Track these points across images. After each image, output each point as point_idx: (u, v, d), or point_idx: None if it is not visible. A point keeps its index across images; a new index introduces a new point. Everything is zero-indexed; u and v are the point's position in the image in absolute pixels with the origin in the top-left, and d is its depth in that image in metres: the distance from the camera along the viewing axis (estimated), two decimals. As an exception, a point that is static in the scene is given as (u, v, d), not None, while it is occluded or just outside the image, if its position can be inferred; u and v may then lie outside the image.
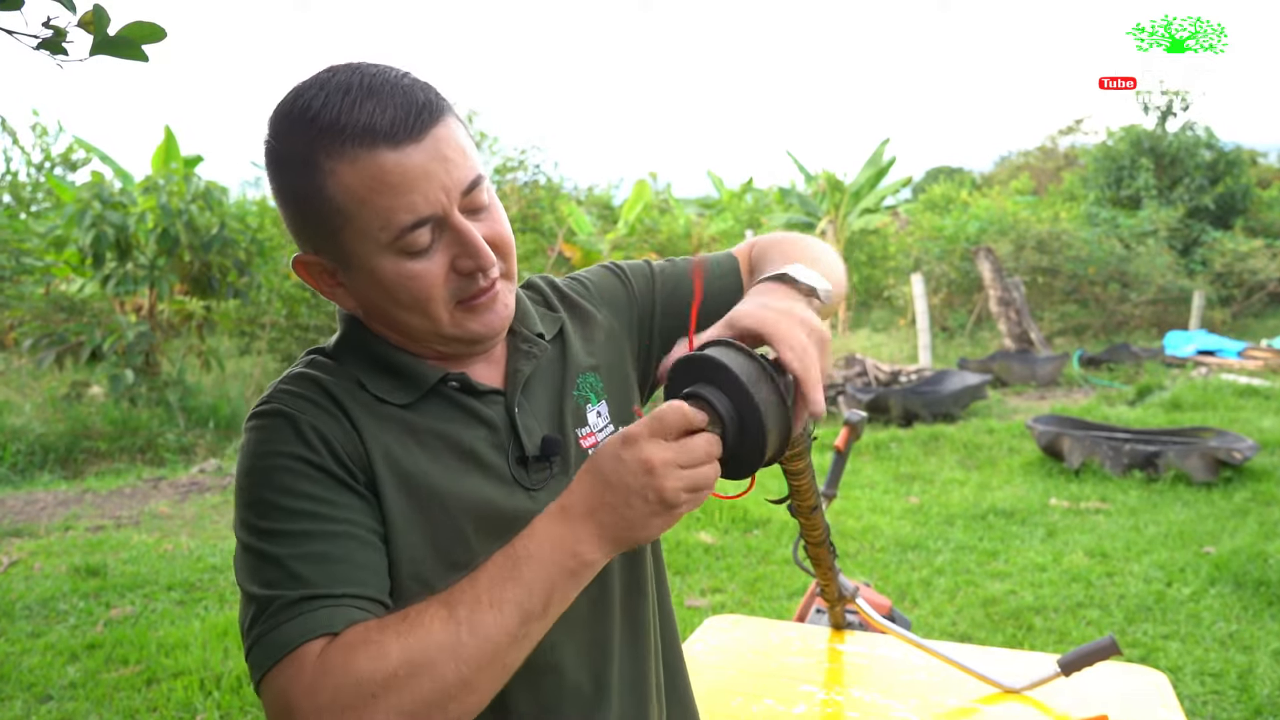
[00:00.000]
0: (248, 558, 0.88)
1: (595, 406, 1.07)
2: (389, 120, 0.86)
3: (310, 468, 0.89)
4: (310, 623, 0.82)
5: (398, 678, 0.77)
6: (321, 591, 0.84)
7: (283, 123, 0.90)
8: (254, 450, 0.91)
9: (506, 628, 0.79)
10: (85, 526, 5.46)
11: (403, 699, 0.77)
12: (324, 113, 0.87)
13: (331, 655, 0.79)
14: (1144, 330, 13.55)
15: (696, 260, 1.14)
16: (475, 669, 0.78)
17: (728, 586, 4.45)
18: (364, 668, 0.78)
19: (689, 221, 14.71)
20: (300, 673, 0.79)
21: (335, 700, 0.77)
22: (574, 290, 1.15)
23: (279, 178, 0.93)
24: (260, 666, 0.82)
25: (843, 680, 1.81)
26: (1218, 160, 17.02)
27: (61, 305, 8.89)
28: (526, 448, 0.99)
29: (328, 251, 0.93)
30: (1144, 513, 5.33)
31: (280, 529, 0.87)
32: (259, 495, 0.89)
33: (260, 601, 0.84)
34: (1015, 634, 3.85)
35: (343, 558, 0.86)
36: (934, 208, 17.91)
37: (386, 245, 0.89)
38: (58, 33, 1.28)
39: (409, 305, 0.92)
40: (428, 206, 0.88)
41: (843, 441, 2.23)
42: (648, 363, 1.16)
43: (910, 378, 9.28)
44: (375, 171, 0.86)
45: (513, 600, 0.80)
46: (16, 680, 3.51)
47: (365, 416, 0.94)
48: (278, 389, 0.95)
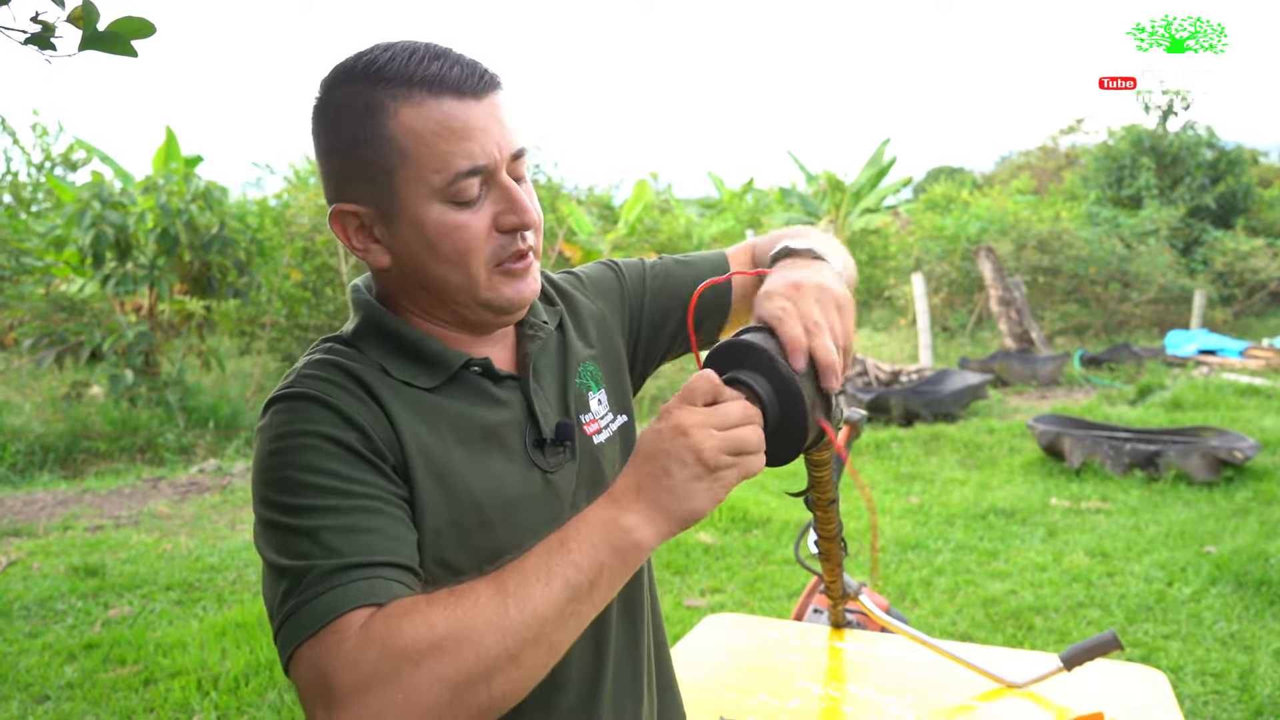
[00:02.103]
0: (273, 533, 0.86)
1: (596, 394, 1.11)
2: (457, 75, 0.91)
3: (338, 447, 0.88)
4: (352, 592, 0.80)
5: (442, 648, 0.75)
6: (359, 560, 0.82)
7: (343, 77, 0.93)
8: (279, 431, 0.90)
9: (554, 602, 0.78)
10: (84, 526, 5.46)
11: (445, 668, 0.75)
12: (391, 65, 0.90)
13: (376, 625, 0.77)
14: (1145, 330, 13.54)
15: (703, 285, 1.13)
16: (520, 642, 0.77)
17: (727, 586, 4.44)
18: (408, 637, 0.76)
19: (689, 221, 14.70)
20: (341, 643, 0.77)
21: (377, 671, 0.75)
22: (570, 284, 1.18)
23: (332, 127, 0.94)
24: (294, 639, 0.80)
25: (840, 677, 1.80)
26: (1219, 159, 17.02)
27: (61, 305, 8.89)
28: (544, 430, 1.02)
29: (372, 199, 0.93)
30: (1145, 512, 5.31)
31: (308, 504, 0.85)
32: (284, 473, 0.87)
33: (294, 573, 0.82)
34: (1015, 634, 3.84)
35: (374, 529, 0.85)
36: (935, 207, 17.90)
37: (438, 190, 0.91)
38: (46, 28, 1.28)
39: (450, 258, 0.94)
40: (484, 156, 0.91)
41: (843, 440, 2.22)
42: (636, 351, 1.21)
43: (911, 377, 9.27)
44: (440, 115, 0.90)
45: (560, 575, 0.79)
46: (14, 680, 3.51)
47: (393, 400, 0.94)
48: (301, 374, 0.94)
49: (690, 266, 1.23)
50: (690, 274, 1.21)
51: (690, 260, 1.24)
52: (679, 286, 1.21)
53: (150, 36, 1.30)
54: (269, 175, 20.43)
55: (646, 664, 1.12)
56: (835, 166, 17.92)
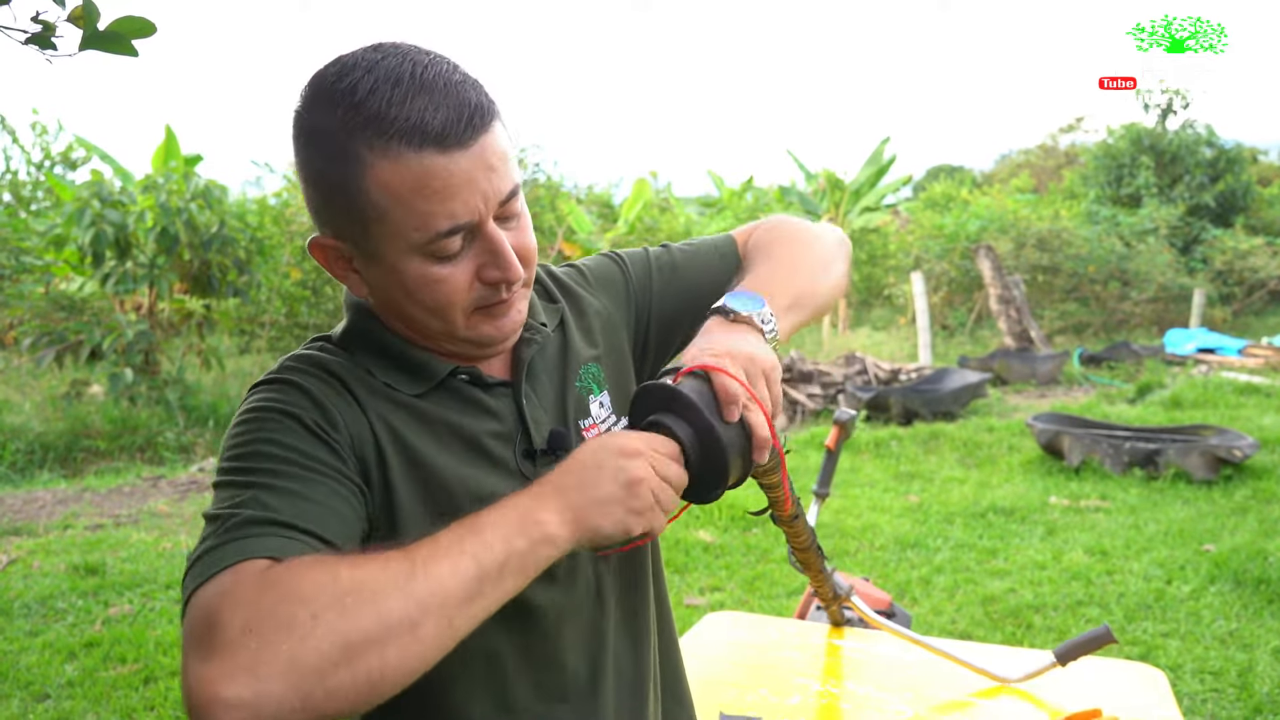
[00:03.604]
0: (218, 491, 0.84)
1: (597, 397, 1.07)
2: (440, 122, 0.83)
3: (302, 427, 0.87)
4: (264, 544, 0.77)
5: (342, 603, 0.71)
6: (284, 519, 0.79)
7: (322, 98, 0.86)
8: (250, 407, 0.89)
9: (460, 577, 0.75)
10: (84, 525, 5.46)
11: (343, 624, 0.70)
12: (371, 100, 0.83)
13: (277, 571, 0.73)
14: (1144, 328, 13.55)
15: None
16: (423, 611, 0.73)
17: (727, 585, 4.45)
18: (309, 586, 0.72)
19: (689, 220, 14.71)
20: (236, 586, 0.73)
21: (270, 616, 0.70)
22: (573, 280, 1.14)
23: (310, 156, 0.88)
24: (195, 580, 0.75)
25: (839, 674, 1.81)
26: (1218, 158, 17.02)
27: (61, 304, 8.88)
28: (535, 440, 0.99)
29: (350, 239, 0.90)
30: (1144, 511, 5.32)
31: (258, 467, 0.84)
32: (244, 441, 0.86)
33: (219, 520, 0.80)
34: (1015, 632, 3.84)
35: (315, 500, 0.83)
36: (934, 206, 17.90)
37: (417, 246, 0.87)
38: (46, 27, 1.28)
39: (428, 307, 0.91)
40: (466, 214, 0.86)
41: (833, 441, 2.22)
42: (645, 350, 1.16)
43: (910, 376, 9.27)
44: (419, 173, 0.83)
45: (470, 553, 0.77)
46: (14, 679, 3.51)
47: (374, 400, 0.93)
48: (284, 364, 0.94)
49: (697, 255, 1.18)
50: (698, 264, 1.17)
51: (696, 248, 1.20)
52: (688, 279, 1.16)
53: (150, 36, 1.31)
54: (269, 174, 20.35)
55: (651, 674, 1.10)
56: (835, 165, 17.87)
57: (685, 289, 1.15)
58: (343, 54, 0.88)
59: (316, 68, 0.89)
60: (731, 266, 1.15)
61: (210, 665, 0.68)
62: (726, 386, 0.86)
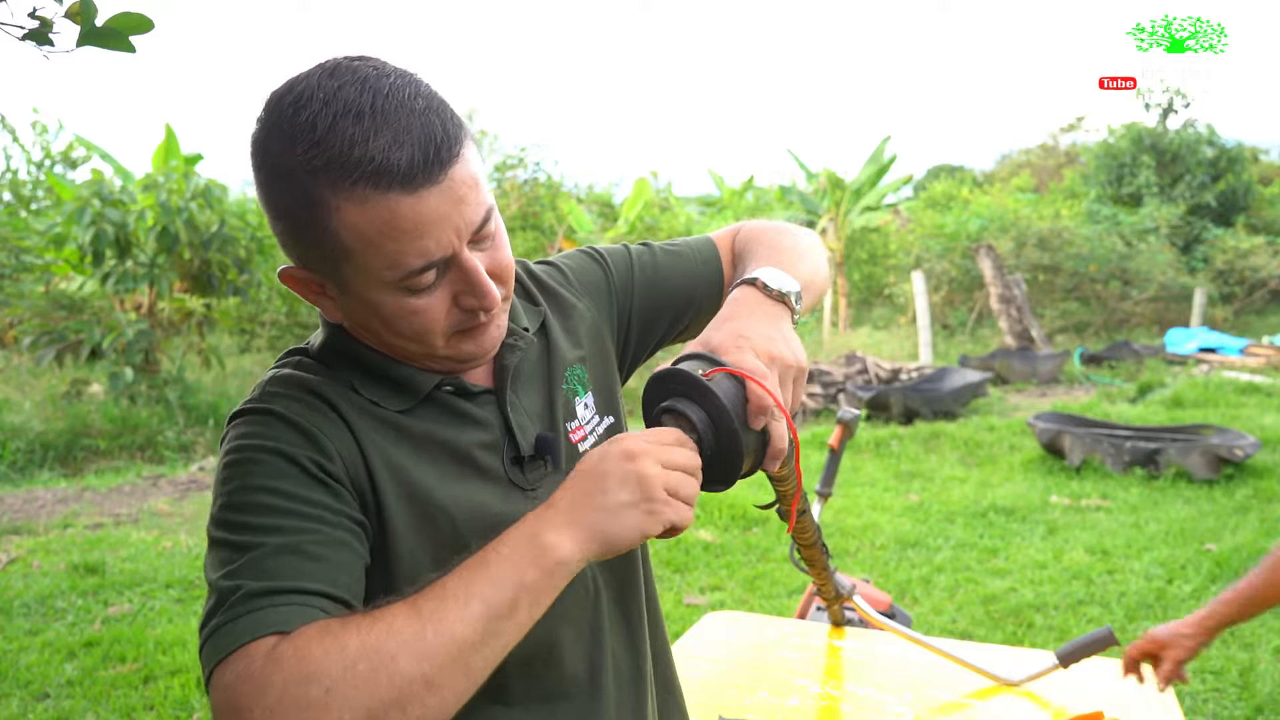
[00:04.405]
0: (217, 552, 0.83)
1: (583, 398, 1.06)
2: (406, 161, 0.80)
3: (293, 466, 0.85)
4: (271, 617, 0.76)
5: (355, 672, 0.71)
6: (288, 586, 0.78)
7: (281, 131, 0.82)
8: (235, 445, 0.87)
9: (471, 623, 0.75)
10: (84, 524, 5.46)
11: (359, 695, 0.71)
12: (331, 138, 0.79)
13: (284, 649, 0.73)
14: (1145, 328, 13.55)
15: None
16: (437, 666, 0.73)
17: (727, 584, 4.44)
18: (318, 662, 0.72)
19: (689, 219, 14.70)
20: (249, 667, 0.73)
21: (285, 696, 0.71)
22: (553, 279, 1.12)
23: (272, 192, 0.85)
24: (210, 661, 0.76)
25: (839, 675, 1.80)
26: (1219, 157, 17.01)
27: (61, 303, 8.88)
28: (522, 447, 0.97)
29: (320, 272, 0.88)
30: (1145, 510, 5.31)
31: (255, 523, 0.82)
32: (236, 491, 0.84)
33: (221, 593, 0.79)
34: (1015, 631, 3.84)
35: (316, 555, 0.81)
36: (935, 205, 17.90)
37: (390, 283, 0.85)
38: (44, 24, 1.27)
39: (406, 335, 0.89)
40: (439, 250, 0.83)
41: (836, 440, 2.22)
42: (625, 349, 1.15)
43: (911, 375, 9.27)
44: (386, 216, 0.80)
45: (479, 596, 0.76)
46: (14, 678, 3.51)
47: (361, 420, 0.90)
48: (265, 389, 0.91)
49: (679, 256, 1.17)
50: (680, 265, 1.16)
51: (678, 249, 1.18)
52: (670, 281, 1.15)
53: (148, 32, 1.30)
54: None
55: (648, 669, 1.10)
56: (835, 164, 17.89)
57: (667, 290, 1.15)
58: (296, 77, 0.84)
59: (271, 88, 0.85)
60: (714, 269, 1.15)
61: None
62: (761, 400, 0.84)
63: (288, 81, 0.84)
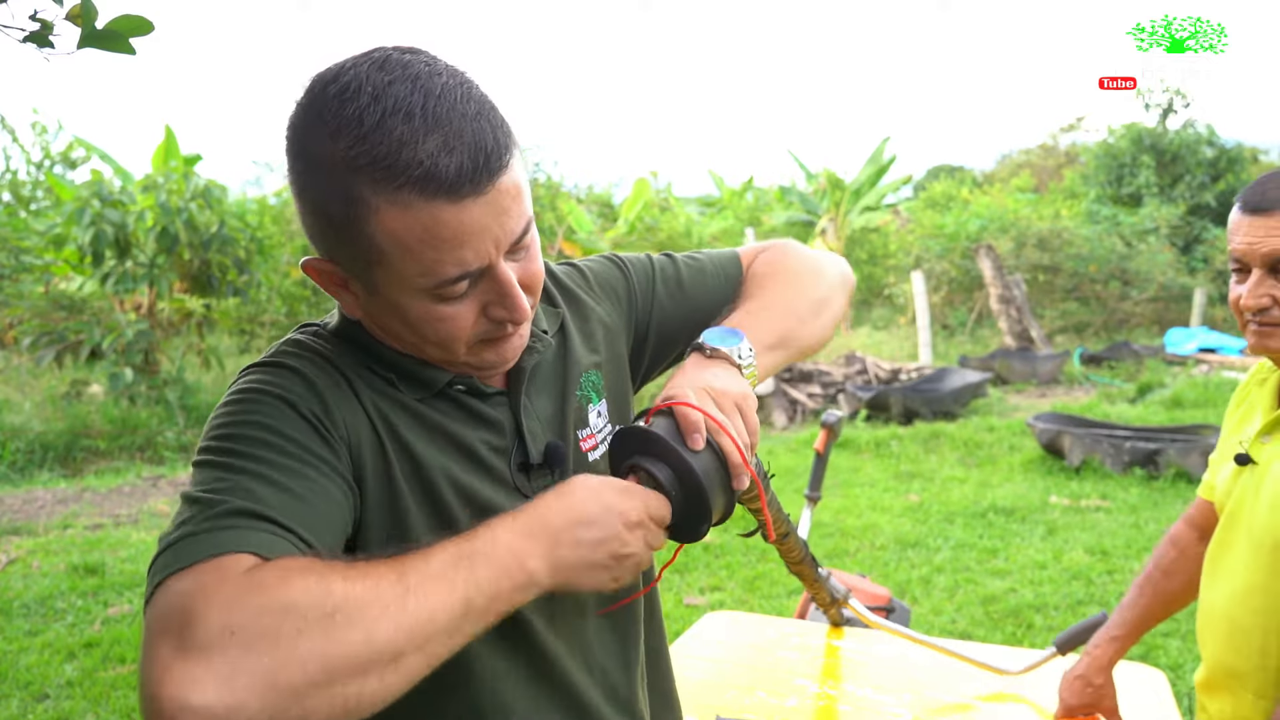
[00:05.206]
0: (199, 471, 0.78)
1: (596, 406, 1.04)
2: (454, 169, 0.77)
3: (298, 415, 0.82)
4: (253, 538, 0.71)
5: (334, 621, 0.67)
6: (276, 517, 0.74)
7: (324, 121, 0.78)
8: (241, 389, 0.84)
9: (451, 609, 0.73)
10: (84, 525, 5.46)
11: (329, 645, 0.66)
12: (378, 136, 0.76)
13: (267, 572, 0.68)
14: (1145, 328, 13.54)
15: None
16: (409, 641, 0.70)
17: (727, 585, 4.45)
18: (300, 596, 0.67)
19: (689, 220, 14.71)
20: (221, 583, 0.67)
21: (254, 622, 0.65)
22: (574, 282, 1.10)
23: (308, 182, 0.81)
24: (168, 566, 0.69)
25: (837, 675, 1.80)
26: (1219, 157, 17.00)
27: (61, 303, 8.89)
28: (531, 454, 0.96)
29: (348, 268, 0.85)
30: (1144, 510, 5.32)
31: (249, 452, 0.78)
32: (235, 424, 0.81)
33: (200, 504, 0.74)
34: (1015, 631, 3.84)
35: (304, 497, 0.77)
36: (935, 205, 17.89)
37: (421, 289, 0.82)
38: (44, 25, 1.28)
39: (430, 339, 0.87)
40: (477, 261, 0.81)
41: (821, 444, 2.22)
42: (639, 359, 1.14)
43: (911, 375, 9.27)
44: (428, 223, 0.78)
45: (463, 586, 0.74)
46: (14, 679, 3.51)
47: (375, 397, 0.89)
48: (281, 349, 0.89)
49: (702, 272, 1.15)
50: (703, 283, 1.15)
51: (701, 264, 1.16)
52: (692, 297, 1.14)
53: (148, 34, 1.31)
54: (268, 174, 20.40)
55: (640, 676, 1.09)
56: (835, 165, 17.91)
57: (689, 308, 1.13)
58: (344, 64, 0.80)
59: (316, 69, 0.82)
60: (735, 289, 1.15)
61: (182, 665, 0.63)
62: (686, 415, 0.87)
63: (333, 69, 0.81)
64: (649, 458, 0.88)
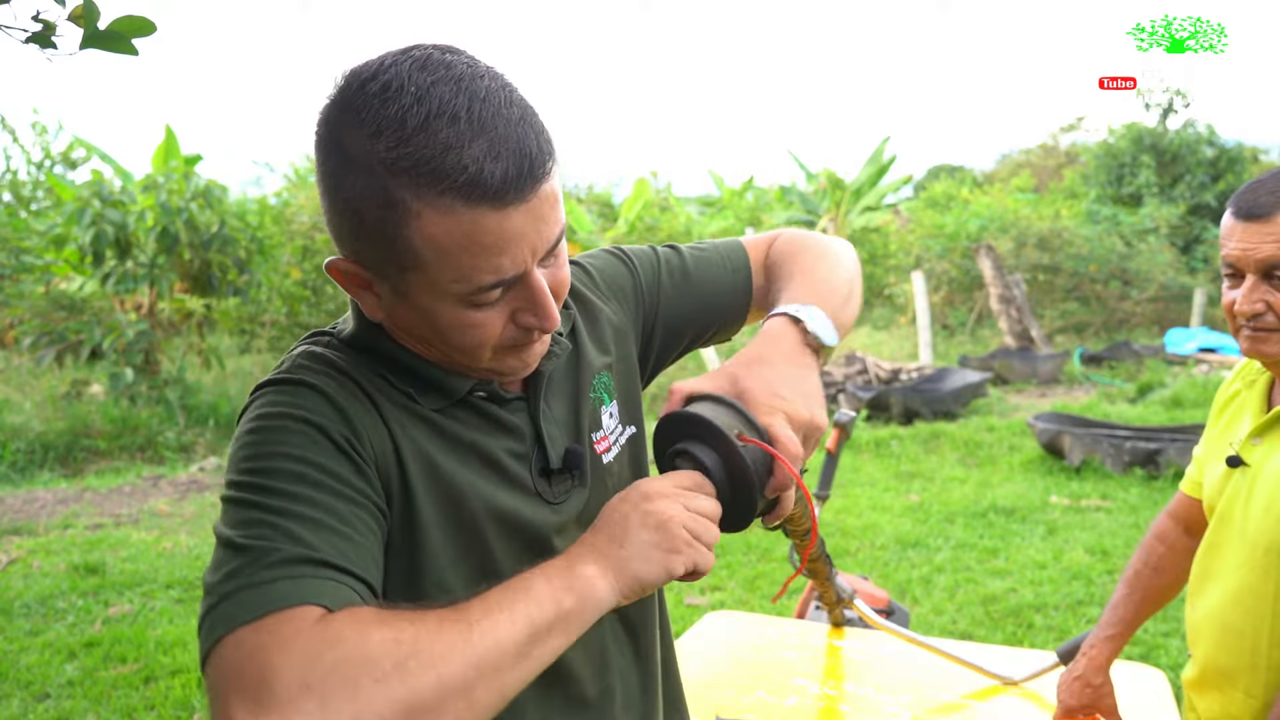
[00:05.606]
0: (236, 510, 0.77)
1: (608, 407, 1.04)
2: (500, 176, 0.75)
3: (325, 438, 0.80)
4: (315, 587, 0.71)
5: (406, 667, 0.67)
6: (328, 560, 0.74)
7: (362, 118, 0.76)
8: (264, 412, 0.82)
9: (515, 637, 0.73)
10: (84, 525, 5.46)
11: (406, 690, 0.67)
12: (422, 139, 0.74)
13: (341, 626, 0.69)
14: (1145, 328, 13.54)
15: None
16: (479, 674, 0.70)
17: (727, 584, 4.45)
18: (375, 647, 0.67)
19: (689, 219, 14.71)
20: (296, 636, 0.67)
21: (334, 675, 0.66)
22: (582, 282, 1.08)
23: (340, 181, 0.79)
24: (231, 619, 0.69)
25: (838, 675, 1.80)
26: (1219, 157, 17.00)
27: (61, 303, 8.90)
28: (551, 459, 0.95)
29: (377, 272, 0.83)
30: (1145, 510, 5.31)
31: (285, 489, 0.76)
32: (261, 452, 0.79)
33: (250, 552, 0.73)
34: (1015, 631, 3.84)
35: (350, 536, 0.77)
36: (935, 205, 17.89)
37: (454, 296, 0.81)
38: (47, 26, 1.28)
39: (457, 345, 0.86)
40: (513, 268, 0.80)
41: (833, 443, 2.23)
42: (647, 355, 1.13)
43: (911, 375, 9.27)
44: (470, 230, 0.76)
45: (524, 614, 0.74)
46: (14, 678, 3.51)
47: (393, 410, 0.87)
48: (296, 362, 0.87)
49: (708, 264, 1.13)
50: (710, 275, 1.13)
51: (707, 255, 1.14)
52: (699, 289, 1.12)
53: (150, 35, 1.31)
54: (269, 174, 20.49)
55: (657, 686, 1.09)
56: (835, 164, 17.93)
57: (695, 298, 1.12)
58: (382, 61, 0.78)
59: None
60: (744, 279, 1.13)
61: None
62: (785, 481, 0.86)
63: (370, 65, 0.78)
64: (704, 448, 0.85)
